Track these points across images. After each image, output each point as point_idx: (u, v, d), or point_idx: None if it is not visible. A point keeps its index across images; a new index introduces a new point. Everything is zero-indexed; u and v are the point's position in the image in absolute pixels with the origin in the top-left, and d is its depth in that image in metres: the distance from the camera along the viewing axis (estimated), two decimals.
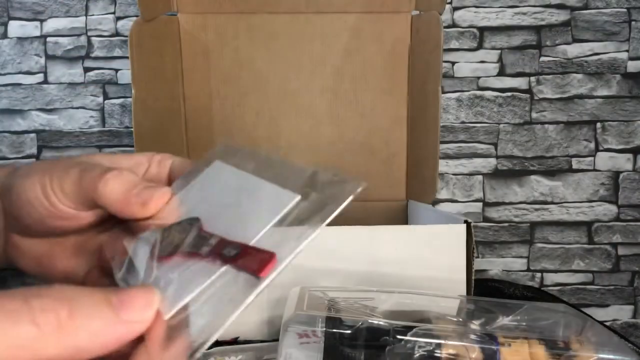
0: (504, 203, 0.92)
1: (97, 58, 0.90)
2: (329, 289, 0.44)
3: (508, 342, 0.35)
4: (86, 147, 0.90)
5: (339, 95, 0.76)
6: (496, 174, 0.91)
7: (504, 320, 0.40)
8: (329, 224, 0.46)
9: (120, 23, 0.90)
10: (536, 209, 0.92)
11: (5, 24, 0.90)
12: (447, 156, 0.91)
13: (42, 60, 0.90)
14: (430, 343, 0.35)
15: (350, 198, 0.27)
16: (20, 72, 0.91)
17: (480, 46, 0.90)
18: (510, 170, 0.91)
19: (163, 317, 0.23)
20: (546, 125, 0.90)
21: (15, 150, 0.90)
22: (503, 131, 0.91)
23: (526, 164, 0.91)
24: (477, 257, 0.93)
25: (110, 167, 0.27)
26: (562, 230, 0.92)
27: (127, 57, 0.75)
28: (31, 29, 0.90)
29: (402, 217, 0.77)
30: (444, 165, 0.91)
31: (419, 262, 0.51)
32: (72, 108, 0.90)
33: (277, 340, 0.38)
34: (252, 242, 0.24)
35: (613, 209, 0.92)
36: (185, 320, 0.23)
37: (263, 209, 0.25)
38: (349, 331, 0.36)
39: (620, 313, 0.94)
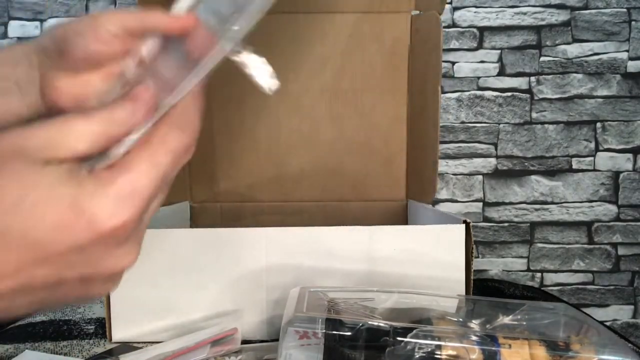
0: (504, 203, 0.92)
1: None
2: (328, 289, 0.44)
3: (508, 344, 0.35)
4: None
5: (338, 95, 0.76)
6: (496, 174, 0.91)
7: (504, 320, 0.40)
8: (328, 225, 0.46)
9: None
10: (536, 209, 0.92)
11: (6, 24, 0.90)
12: (447, 156, 0.91)
13: None
14: (430, 344, 0.35)
15: None
16: None
17: (480, 46, 0.90)
18: (510, 170, 0.91)
19: None
20: (546, 125, 0.90)
21: None
22: (503, 131, 0.91)
23: (526, 164, 0.91)
24: (477, 257, 0.93)
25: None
26: (562, 230, 0.92)
27: None
28: (31, 29, 0.90)
29: (402, 217, 0.77)
30: (444, 165, 0.91)
31: (418, 262, 0.51)
32: None
33: (277, 340, 0.38)
34: None
35: (613, 209, 0.92)
36: None
37: None
38: (349, 332, 0.36)
39: (620, 313, 0.94)
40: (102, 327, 0.54)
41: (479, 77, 0.90)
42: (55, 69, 0.37)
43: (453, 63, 0.90)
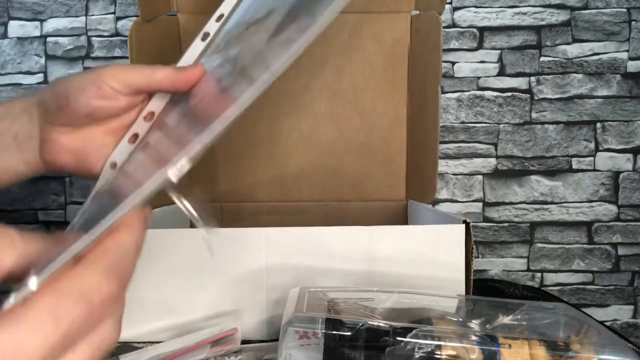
0: (504, 203, 0.92)
1: (97, 58, 0.90)
2: (328, 289, 0.44)
3: (508, 344, 0.35)
4: None
5: (338, 95, 0.76)
6: (496, 174, 0.91)
7: (504, 320, 0.40)
8: (328, 225, 0.46)
9: (120, 23, 0.90)
10: (536, 209, 0.92)
11: (6, 24, 0.90)
12: (447, 156, 0.91)
13: (42, 60, 0.90)
14: (430, 344, 0.35)
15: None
16: (20, 72, 0.91)
17: (480, 46, 0.90)
18: (510, 170, 0.91)
19: None
20: (546, 125, 0.90)
21: None
22: (503, 131, 0.91)
23: (526, 164, 0.91)
24: (477, 257, 0.93)
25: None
26: (562, 230, 0.92)
27: (127, 57, 0.75)
28: (31, 29, 0.90)
29: (402, 217, 0.77)
30: (444, 165, 0.91)
31: (418, 262, 0.51)
32: None
33: (277, 340, 0.38)
34: None
35: (613, 209, 0.92)
36: None
37: None
38: (349, 332, 0.36)
39: (620, 313, 0.94)
40: None
41: (479, 77, 0.90)
42: (55, 123, 0.35)
43: (453, 63, 0.90)
